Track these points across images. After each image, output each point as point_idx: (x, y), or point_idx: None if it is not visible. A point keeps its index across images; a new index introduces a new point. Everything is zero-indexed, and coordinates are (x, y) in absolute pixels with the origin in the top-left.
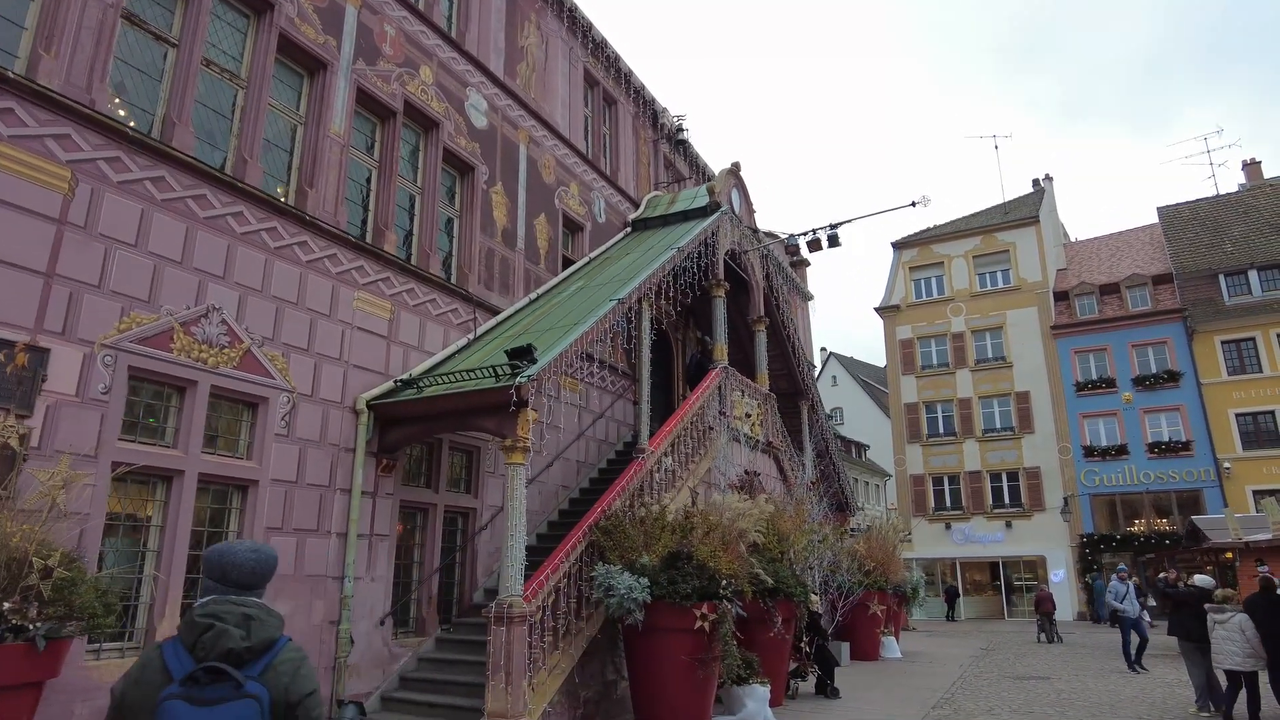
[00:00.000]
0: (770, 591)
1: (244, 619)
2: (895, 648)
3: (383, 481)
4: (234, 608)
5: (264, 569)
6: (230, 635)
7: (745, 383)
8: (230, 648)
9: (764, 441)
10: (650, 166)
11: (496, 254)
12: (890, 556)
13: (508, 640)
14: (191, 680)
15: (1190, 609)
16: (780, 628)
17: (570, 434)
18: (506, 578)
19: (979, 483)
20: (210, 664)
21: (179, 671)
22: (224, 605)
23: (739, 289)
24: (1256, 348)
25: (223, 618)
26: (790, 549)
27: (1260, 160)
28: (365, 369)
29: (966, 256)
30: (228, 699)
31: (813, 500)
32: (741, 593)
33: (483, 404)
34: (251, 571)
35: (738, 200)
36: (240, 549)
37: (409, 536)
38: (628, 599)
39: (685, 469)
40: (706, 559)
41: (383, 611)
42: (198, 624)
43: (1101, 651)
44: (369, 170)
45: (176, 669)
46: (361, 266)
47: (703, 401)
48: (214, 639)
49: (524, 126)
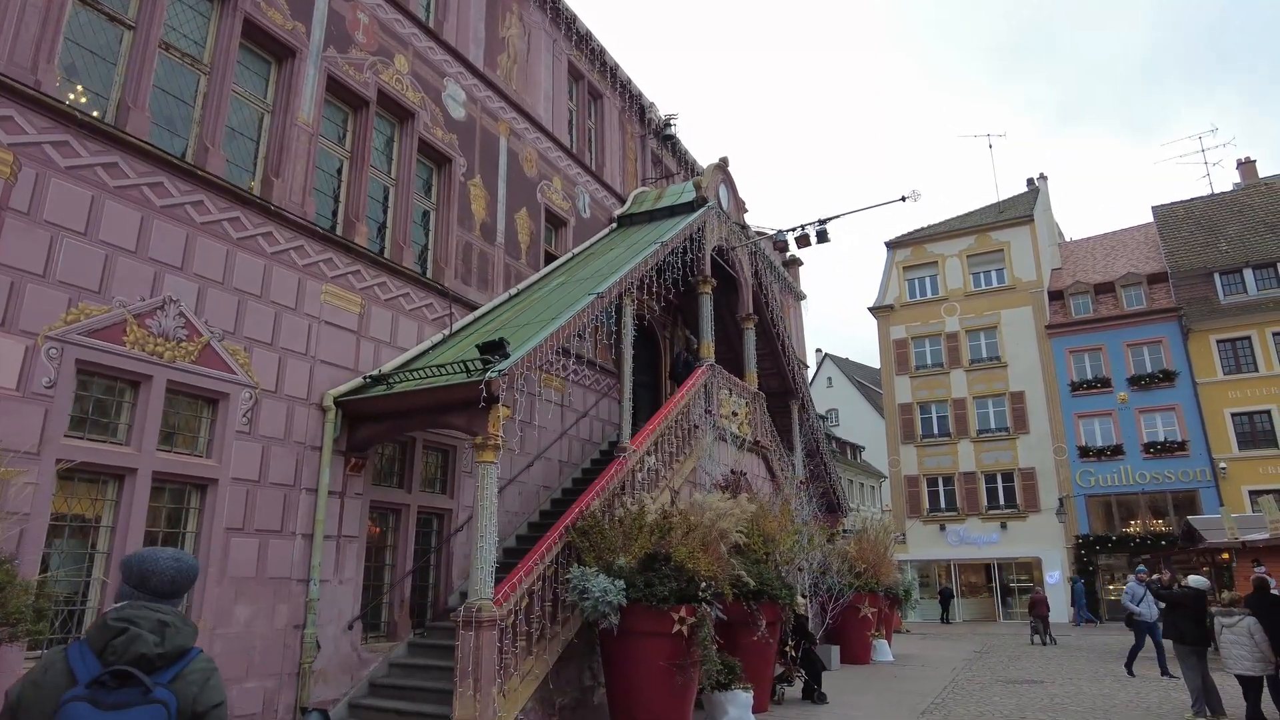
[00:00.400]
0: (753, 594)
1: (159, 625)
2: (887, 651)
3: (351, 481)
4: (150, 613)
5: (184, 578)
6: (144, 640)
7: (733, 381)
8: (143, 653)
9: (752, 441)
10: (637, 162)
11: (475, 248)
12: (882, 558)
13: (477, 645)
14: (98, 684)
15: (1185, 611)
16: (764, 631)
17: (552, 433)
18: (476, 580)
19: (974, 484)
20: (119, 668)
21: (84, 675)
22: (140, 610)
23: (728, 286)
24: (1252, 347)
25: (138, 622)
26: (776, 550)
27: (1255, 159)
28: (333, 365)
29: (960, 256)
30: (133, 704)
31: (802, 500)
32: (722, 595)
33: (453, 400)
34: (171, 580)
35: (726, 196)
36: (162, 556)
37: (380, 538)
38: (602, 602)
39: (669, 468)
40: (685, 560)
41: (351, 615)
42: (111, 627)
43: (1096, 655)
44: (340, 161)
45: (81, 672)
46: (330, 259)
47: (688, 399)
48: (126, 643)
49: (504, 119)
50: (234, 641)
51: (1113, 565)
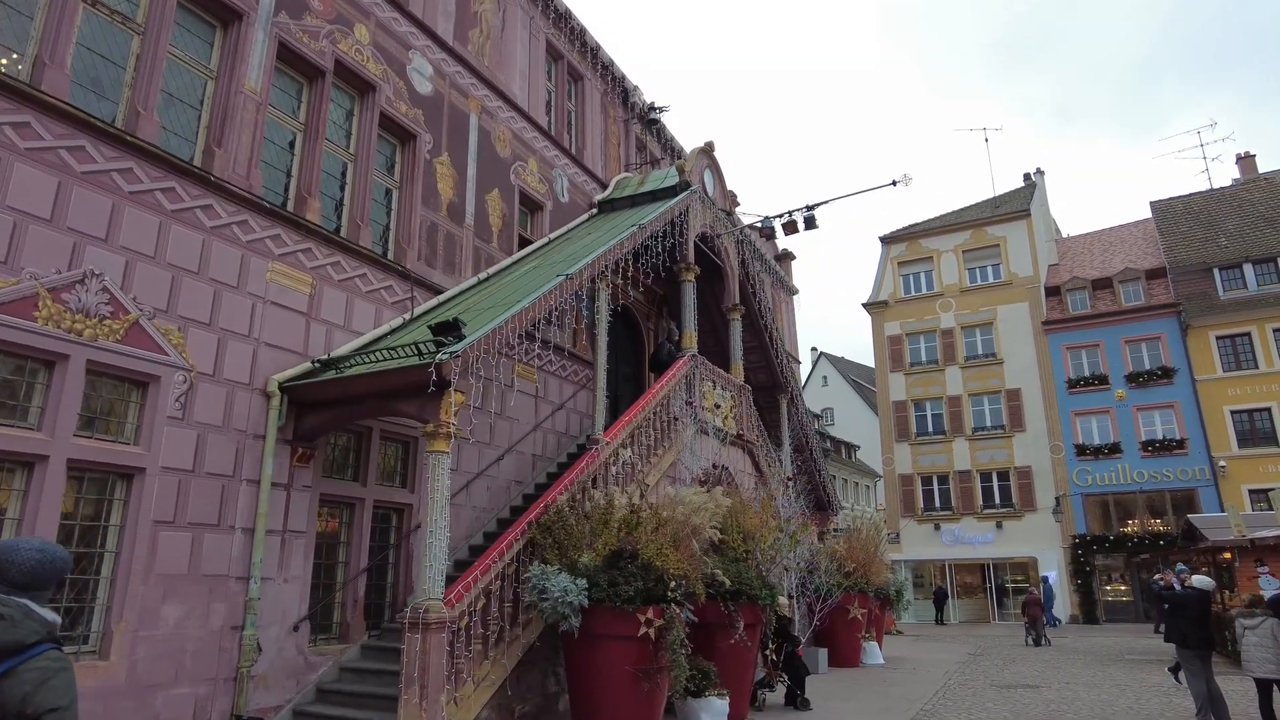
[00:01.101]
0: (732, 594)
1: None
2: (877, 653)
3: (299, 472)
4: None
5: (47, 571)
6: None
7: (717, 373)
8: None
9: (736, 435)
10: (621, 147)
11: (440, 229)
12: (872, 557)
13: (423, 649)
14: None
15: (1189, 612)
16: (742, 634)
17: (525, 425)
18: (424, 579)
19: (969, 482)
20: None
21: None
22: None
23: (713, 276)
24: (1252, 343)
25: None
26: (757, 548)
27: (1255, 154)
28: (280, 348)
29: (956, 251)
30: None
31: (788, 496)
32: (694, 595)
33: (404, 385)
34: (31, 572)
35: (711, 182)
36: (25, 547)
37: (333, 534)
38: (561, 603)
39: (647, 462)
40: (653, 558)
41: (298, 616)
42: None
43: (1094, 657)
44: (293, 133)
45: None
46: (278, 235)
47: (668, 391)
48: None
49: (475, 95)
50: (160, 644)
51: (1110, 566)
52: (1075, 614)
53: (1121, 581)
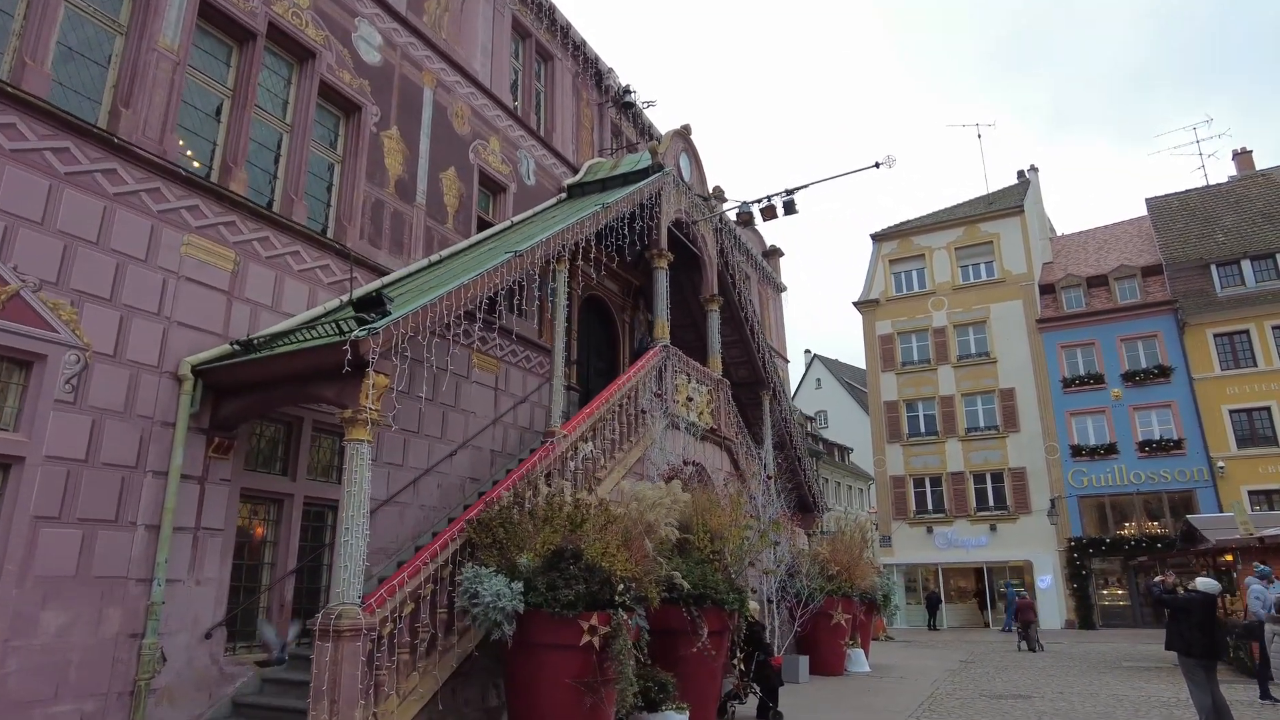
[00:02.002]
0: (695, 599)
1: None
2: (863, 661)
3: (215, 465)
4: None
5: None
6: None
7: (692, 365)
8: None
9: (711, 430)
10: (595, 131)
11: (387, 207)
12: (857, 559)
13: (334, 659)
14: None
15: (1192, 618)
16: (706, 642)
17: (484, 419)
18: (339, 581)
19: (962, 484)
20: None
21: None
22: None
23: (691, 265)
24: (1250, 341)
25: None
26: (725, 548)
27: (1251, 150)
28: (196, 328)
29: (948, 248)
30: None
31: (768, 496)
32: (646, 599)
33: (321, 366)
34: None
35: (688, 167)
36: None
37: (258, 532)
38: (493, 609)
39: (611, 458)
40: (597, 558)
41: (211, 622)
42: None
43: (1090, 665)
44: (220, 99)
45: None
46: (197, 206)
47: (635, 382)
48: None
49: (430, 69)
50: (38, 655)
51: (1106, 570)
52: (1071, 619)
53: (1118, 585)
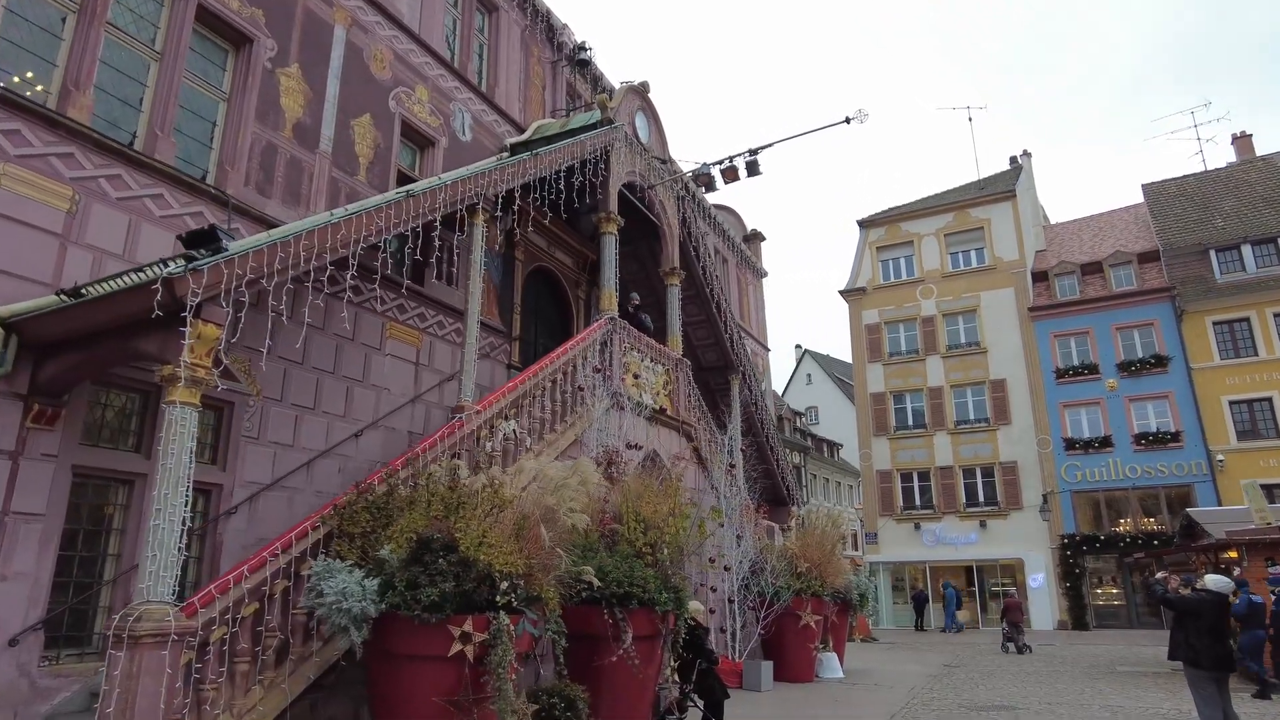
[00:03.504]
0: (620, 598)
1: None
2: (836, 666)
3: (36, 437)
4: None
5: None
6: None
7: (645, 342)
8: None
9: (664, 413)
10: (547, 91)
11: (282, 153)
12: (829, 555)
13: (130, 673)
14: None
15: (1202, 622)
16: (631, 648)
17: (401, 397)
18: (144, 575)
19: (951, 479)
20: None
21: None
22: None
23: (654, 237)
24: (1251, 329)
25: None
26: (661, 540)
27: (1251, 134)
28: (15, 276)
29: (938, 235)
30: None
31: (733, 485)
32: (539, 600)
33: (139, 314)
34: None
35: (646, 127)
36: None
37: (97, 519)
38: (337, 610)
39: (540, 439)
40: (473, 550)
41: (22, 625)
42: None
43: (1081, 670)
44: (62, 13)
45: None
46: (18, 132)
47: (572, 356)
48: None
49: (344, 6)
50: None
51: (1101, 569)
52: (1063, 619)
53: (1113, 585)
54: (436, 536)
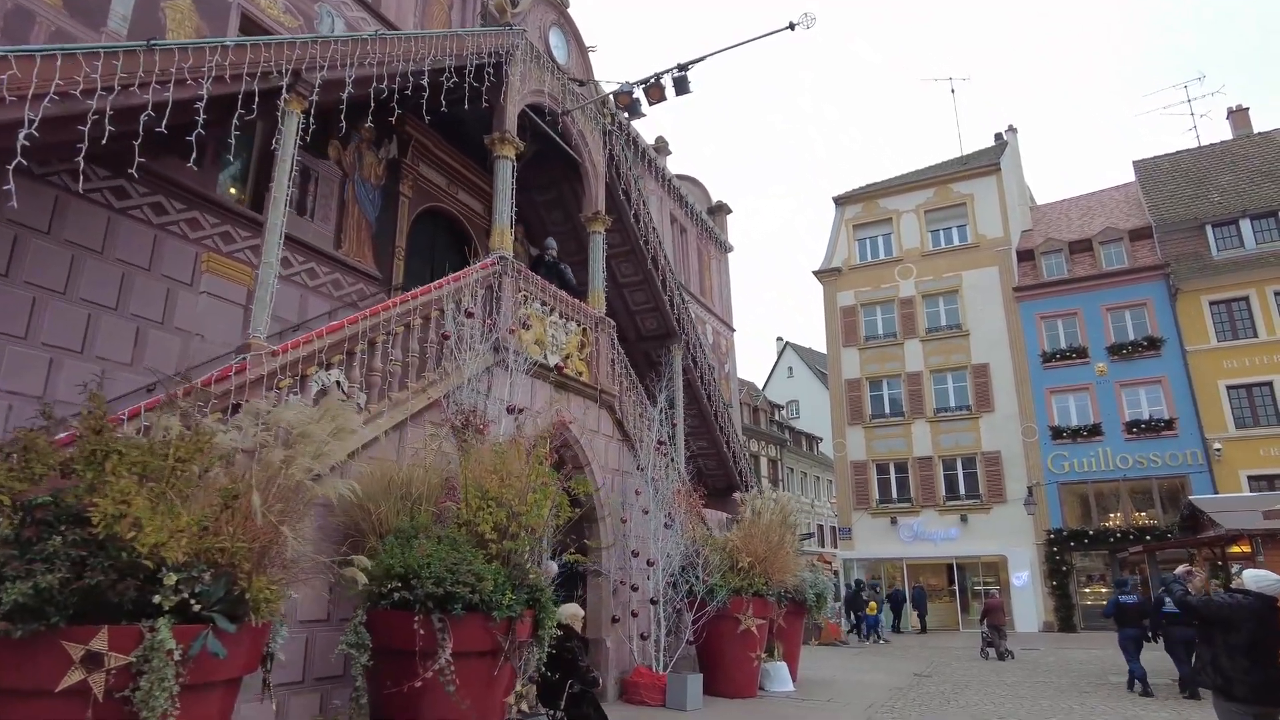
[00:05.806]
0: (439, 600)
1: None
2: (785, 678)
3: None
4: None
5: None
6: None
7: (555, 295)
8: None
9: (576, 379)
10: (454, 10)
11: (43, 23)
12: (776, 549)
13: None
14: None
15: (1237, 636)
16: (447, 667)
17: (222, 345)
18: None
19: (930, 470)
20: None
21: None
22: None
23: (576, 180)
24: (1250, 308)
25: None
26: (520, 524)
27: (1248, 107)
28: None
29: (918, 211)
30: None
31: (665, 467)
32: (240, 600)
33: None
34: None
35: (563, 46)
36: None
37: None
38: None
39: (384, 397)
40: (117, 524)
41: None
42: None
43: (1069, 680)
44: None
45: None
46: None
47: (437, 296)
48: None
49: None
50: None
51: (1089, 567)
52: (1049, 620)
53: (1103, 583)
54: (54, 501)
